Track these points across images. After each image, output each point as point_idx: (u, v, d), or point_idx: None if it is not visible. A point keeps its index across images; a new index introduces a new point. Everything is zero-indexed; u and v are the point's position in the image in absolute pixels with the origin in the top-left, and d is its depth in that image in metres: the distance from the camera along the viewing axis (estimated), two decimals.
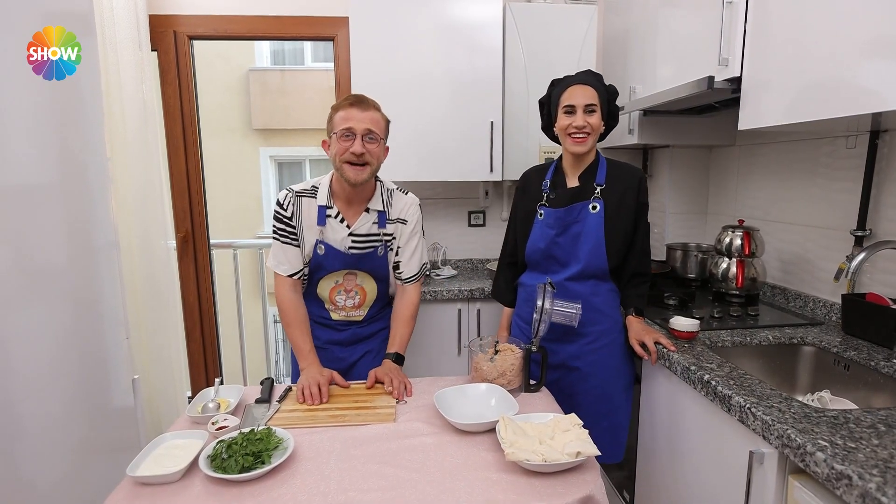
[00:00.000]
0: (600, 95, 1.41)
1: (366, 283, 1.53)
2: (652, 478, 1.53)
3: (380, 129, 1.40)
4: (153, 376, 2.36)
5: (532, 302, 1.52)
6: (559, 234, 1.48)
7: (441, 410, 1.18)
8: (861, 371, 1.30)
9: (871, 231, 1.52)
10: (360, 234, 1.47)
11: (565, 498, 0.92)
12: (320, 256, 1.46)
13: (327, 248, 1.45)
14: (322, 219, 1.44)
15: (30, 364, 1.28)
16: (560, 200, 1.49)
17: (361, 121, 1.35)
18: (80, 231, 1.51)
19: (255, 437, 1.03)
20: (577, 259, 1.47)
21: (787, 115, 1.31)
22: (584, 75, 1.45)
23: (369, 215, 1.47)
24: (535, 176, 1.58)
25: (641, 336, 1.44)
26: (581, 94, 1.40)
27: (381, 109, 1.43)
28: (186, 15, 2.34)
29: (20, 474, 1.23)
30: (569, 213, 1.46)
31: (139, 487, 0.95)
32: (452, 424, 1.15)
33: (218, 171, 6.49)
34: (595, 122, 1.40)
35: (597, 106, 1.39)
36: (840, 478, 0.81)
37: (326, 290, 1.52)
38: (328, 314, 1.55)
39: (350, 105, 1.37)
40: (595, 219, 1.44)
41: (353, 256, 1.47)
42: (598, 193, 1.45)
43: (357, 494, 0.93)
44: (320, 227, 1.45)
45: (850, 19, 1.15)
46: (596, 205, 1.44)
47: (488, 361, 1.34)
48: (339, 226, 1.45)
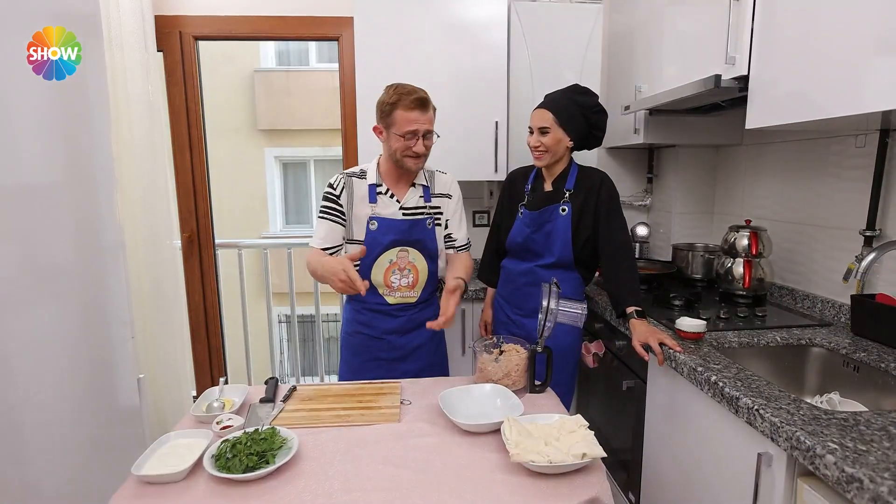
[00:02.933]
0: (557, 117, 1.60)
1: (417, 260, 1.60)
2: (658, 480, 1.52)
3: (433, 125, 1.52)
4: (158, 376, 2.37)
5: (510, 283, 1.78)
6: (534, 231, 1.70)
7: (446, 411, 1.17)
8: (871, 373, 1.28)
9: (880, 231, 1.50)
10: (409, 206, 1.58)
11: (571, 499, 0.91)
12: (374, 232, 1.54)
13: (380, 221, 1.54)
14: (373, 196, 1.55)
15: (36, 363, 1.29)
16: (535, 203, 1.71)
17: (424, 123, 1.47)
18: (87, 231, 1.52)
19: (259, 436, 1.03)
20: (550, 252, 1.69)
21: (795, 114, 1.30)
22: (551, 98, 1.66)
23: (416, 189, 1.60)
24: (520, 177, 1.80)
25: (646, 337, 1.44)
26: (538, 117, 1.63)
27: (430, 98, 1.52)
28: (192, 16, 2.35)
29: (26, 473, 1.24)
30: (541, 215, 1.69)
31: (144, 486, 0.95)
32: (457, 425, 1.14)
33: (223, 171, 6.52)
34: (548, 140, 1.62)
35: (549, 128, 1.61)
36: (851, 481, 0.80)
37: (381, 271, 1.57)
38: (383, 299, 1.60)
39: (414, 107, 1.45)
40: (564, 220, 1.66)
41: (405, 223, 1.56)
42: (566, 197, 1.66)
43: (361, 494, 0.92)
44: (372, 205, 1.55)
45: (859, 17, 1.13)
46: (565, 207, 1.66)
47: (493, 362, 1.34)
48: (390, 201, 1.56)
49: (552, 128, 1.60)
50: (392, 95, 1.47)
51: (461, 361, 2.16)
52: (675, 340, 1.41)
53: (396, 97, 1.46)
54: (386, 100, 1.48)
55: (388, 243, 1.55)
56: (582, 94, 1.65)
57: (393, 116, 1.47)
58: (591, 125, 1.66)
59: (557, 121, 1.60)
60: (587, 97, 1.65)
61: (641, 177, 2.59)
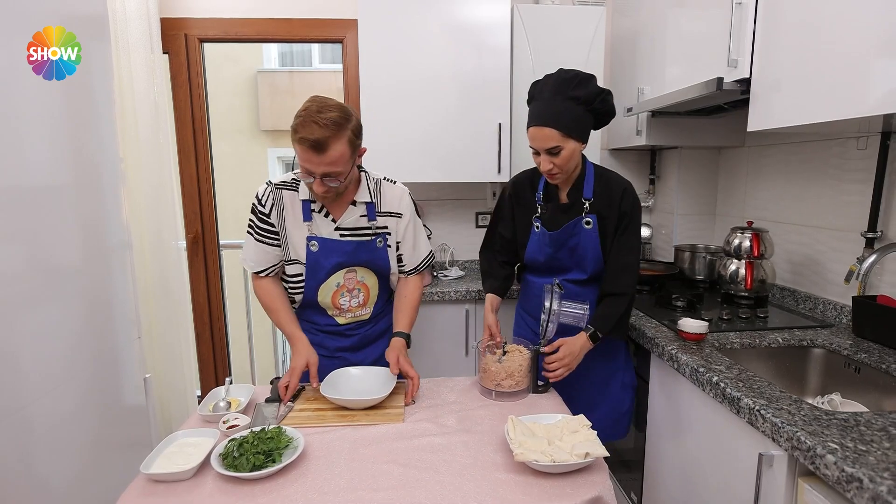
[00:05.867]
0: (562, 130, 1.34)
1: (367, 278, 1.46)
2: (660, 480, 1.53)
3: (342, 164, 1.24)
4: (164, 375, 2.39)
5: (536, 297, 1.58)
6: (556, 251, 1.51)
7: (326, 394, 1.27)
8: (872, 374, 1.29)
9: (882, 233, 1.51)
10: (347, 227, 1.40)
11: (574, 499, 0.92)
12: (315, 254, 1.38)
13: (320, 242, 1.37)
14: (307, 214, 1.37)
15: (43, 362, 1.30)
16: (553, 221, 1.50)
17: (320, 164, 1.22)
18: (93, 231, 1.53)
19: (266, 436, 1.04)
20: (581, 269, 1.52)
21: (797, 116, 1.31)
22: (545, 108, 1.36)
23: (356, 208, 1.40)
24: (527, 185, 1.56)
25: (562, 356, 1.38)
26: (540, 138, 1.36)
27: (345, 129, 1.23)
28: (197, 18, 2.36)
29: (34, 472, 1.25)
30: (563, 234, 1.49)
31: (152, 485, 0.97)
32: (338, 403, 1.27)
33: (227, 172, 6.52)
34: (561, 161, 1.38)
35: (559, 146, 1.35)
36: (851, 480, 0.81)
37: (328, 295, 1.43)
38: (334, 320, 1.49)
39: (307, 147, 1.20)
40: (590, 234, 1.47)
41: (350, 244, 1.39)
42: (587, 208, 1.46)
43: (367, 493, 0.94)
44: (307, 224, 1.37)
45: (860, 20, 1.14)
46: (589, 220, 1.46)
47: (496, 362, 1.35)
48: (325, 220, 1.39)
49: (561, 143, 1.35)
50: (296, 119, 1.22)
51: (464, 362, 2.17)
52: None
53: (296, 123, 1.21)
54: (293, 120, 1.23)
55: (332, 267, 1.39)
56: (577, 87, 1.36)
57: (295, 144, 1.23)
58: (600, 114, 1.41)
59: (563, 134, 1.35)
60: (585, 88, 1.36)
61: (644, 178, 2.60)
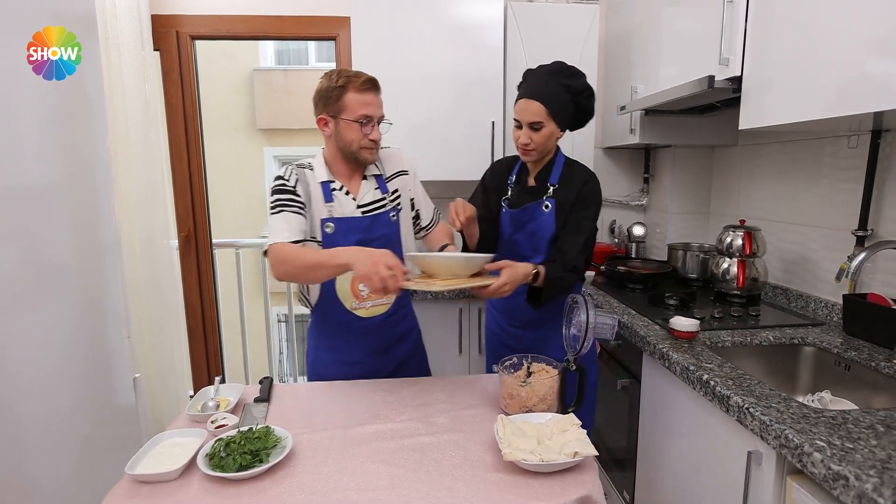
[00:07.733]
0: (549, 109, 1.38)
1: None
2: (652, 478, 1.53)
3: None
4: (155, 375, 2.38)
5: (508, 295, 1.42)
6: (515, 231, 1.52)
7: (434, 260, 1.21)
8: (862, 371, 1.29)
9: (872, 231, 1.51)
10: (366, 202, 1.40)
11: (563, 498, 0.92)
12: (332, 236, 1.34)
13: (336, 222, 1.35)
14: (329, 194, 1.37)
15: (32, 362, 1.29)
16: (517, 200, 1.53)
17: (379, 106, 1.32)
18: (83, 230, 1.52)
19: (253, 435, 1.03)
20: (538, 253, 1.50)
21: (788, 115, 1.31)
22: (537, 86, 1.40)
23: (369, 182, 1.43)
24: (504, 169, 1.61)
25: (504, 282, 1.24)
26: (527, 110, 1.40)
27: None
28: (189, 15, 2.35)
29: (23, 472, 1.25)
30: (523, 213, 1.51)
31: (138, 485, 0.96)
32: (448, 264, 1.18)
33: (222, 170, 6.52)
34: (539, 139, 1.41)
35: (542, 123, 1.39)
36: (837, 478, 0.81)
37: (346, 281, 1.38)
38: (353, 315, 1.42)
39: (367, 89, 1.30)
40: (547, 217, 1.48)
41: (365, 220, 1.38)
42: (550, 193, 1.48)
43: (355, 493, 0.93)
44: (329, 205, 1.36)
45: (851, 19, 1.14)
46: (548, 204, 1.47)
47: (521, 384, 1.19)
48: (346, 199, 1.38)
49: (545, 122, 1.39)
50: (338, 79, 1.29)
51: (458, 361, 2.17)
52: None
53: (344, 80, 1.29)
54: (331, 84, 1.30)
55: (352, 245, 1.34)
56: (570, 77, 1.42)
57: (343, 101, 1.30)
58: (581, 110, 1.46)
59: (549, 113, 1.39)
60: (577, 80, 1.42)
61: (637, 177, 2.60)
